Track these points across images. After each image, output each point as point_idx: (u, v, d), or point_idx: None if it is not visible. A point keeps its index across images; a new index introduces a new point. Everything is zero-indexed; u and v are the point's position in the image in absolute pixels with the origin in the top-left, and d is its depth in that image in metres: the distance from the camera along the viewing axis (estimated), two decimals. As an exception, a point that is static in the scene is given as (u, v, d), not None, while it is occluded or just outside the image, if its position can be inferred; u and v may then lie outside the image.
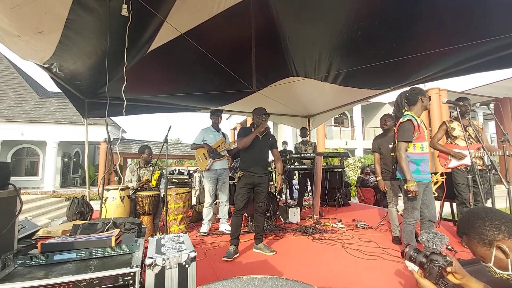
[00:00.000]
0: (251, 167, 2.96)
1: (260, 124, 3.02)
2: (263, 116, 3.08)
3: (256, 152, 3.01)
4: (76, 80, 3.94)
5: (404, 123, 2.38)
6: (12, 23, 2.44)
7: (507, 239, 0.91)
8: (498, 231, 0.92)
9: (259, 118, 3.07)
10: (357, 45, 3.35)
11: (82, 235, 1.42)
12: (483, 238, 0.95)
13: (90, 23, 2.73)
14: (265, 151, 3.12)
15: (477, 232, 0.97)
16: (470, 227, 0.99)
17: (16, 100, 13.60)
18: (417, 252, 1.18)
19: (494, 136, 18.22)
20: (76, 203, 4.26)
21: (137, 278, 1.09)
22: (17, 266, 1.13)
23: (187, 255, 1.20)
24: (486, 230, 0.94)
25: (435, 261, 1.09)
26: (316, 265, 2.58)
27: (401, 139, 2.38)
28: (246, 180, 2.94)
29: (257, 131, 2.98)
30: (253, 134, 2.97)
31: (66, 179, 15.88)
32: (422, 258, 1.15)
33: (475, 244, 0.98)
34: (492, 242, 0.93)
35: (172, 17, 3.02)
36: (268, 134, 3.13)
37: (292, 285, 1.03)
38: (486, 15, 2.50)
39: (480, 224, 0.96)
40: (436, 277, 1.09)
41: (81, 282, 1.03)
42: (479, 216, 0.98)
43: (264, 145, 3.09)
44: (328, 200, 5.33)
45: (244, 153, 3.06)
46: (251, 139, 2.95)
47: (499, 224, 0.93)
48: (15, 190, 1.23)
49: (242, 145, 2.99)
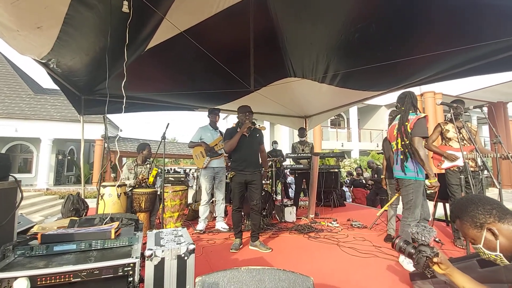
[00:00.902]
0: (242, 166, 2.97)
1: (245, 122, 3.01)
2: (247, 114, 3.08)
3: (245, 150, 3.01)
4: (73, 77, 3.93)
5: (421, 119, 2.39)
6: (12, 18, 2.43)
7: (497, 222, 0.98)
8: (490, 215, 1.00)
9: (243, 116, 3.07)
10: (354, 47, 3.39)
11: (82, 228, 1.43)
12: (475, 221, 1.02)
13: (89, 19, 2.73)
14: (255, 148, 3.11)
15: (470, 216, 1.04)
16: (464, 211, 1.06)
17: (11, 96, 13.43)
18: (407, 243, 1.27)
19: (487, 140, 18.52)
20: (72, 200, 4.22)
21: (136, 269, 1.11)
22: (17, 256, 1.14)
23: (186, 247, 1.22)
24: (479, 214, 1.02)
25: (423, 252, 1.17)
26: (312, 262, 2.61)
27: (419, 134, 2.35)
28: (238, 179, 2.96)
29: (242, 131, 2.97)
30: (237, 135, 2.96)
31: (60, 177, 15.72)
32: (411, 249, 1.24)
33: (467, 227, 1.05)
34: (483, 225, 1.00)
35: (172, 14, 3.03)
36: (255, 131, 3.12)
37: (289, 276, 1.06)
38: (479, 21, 2.57)
39: (473, 208, 1.03)
40: (423, 266, 1.17)
41: (81, 272, 1.05)
42: (473, 201, 1.06)
43: (253, 142, 3.08)
44: (323, 200, 5.37)
45: (234, 153, 3.05)
46: (237, 140, 2.96)
47: (491, 209, 1.00)
48: (16, 182, 1.24)
49: (228, 148, 3.00)
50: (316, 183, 4.47)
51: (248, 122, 3.01)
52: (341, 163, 9.62)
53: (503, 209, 1.01)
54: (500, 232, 0.97)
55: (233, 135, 3.01)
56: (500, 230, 0.97)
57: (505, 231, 0.97)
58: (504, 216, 0.98)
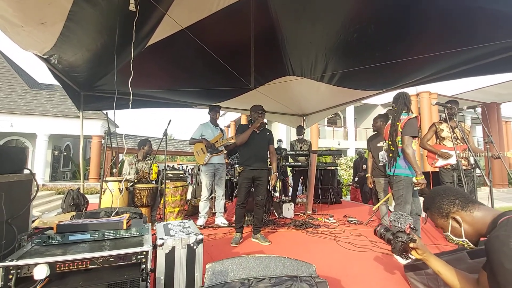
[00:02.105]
0: (250, 162, 3.08)
1: (257, 119, 3.16)
2: (260, 113, 3.22)
3: (254, 147, 3.13)
4: (73, 72, 3.95)
5: (412, 119, 2.49)
6: (16, 13, 2.45)
7: (460, 211, 1.07)
8: (453, 205, 1.09)
9: (256, 114, 3.21)
10: (353, 47, 3.46)
11: (95, 219, 1.49)
12: (441, 211, 1.12)
13: (92, 16, 2.76)
14: (263, 146, 3.24)
15: (437, 207, 1.14)
16: (432, 203, 1.16)
17: (6, 91, 13.28)
18: (386, 230, 1.40)
19: (481, 140, 18.82)
20: (72, 195, 4.25)
21: (149, 257, 1.18)
22: (34, 245, 1.20)
23: (195, 237, 1.29)
24: (444, 204, 1.11)
25: (399, 238, 1.29)
26: (310, 255, 2.70)
27: (408, 134, 2.45)
28: (246, 175, 3.06)
29: (254, 127, 3.12)
30: (249, 130, 3.11)
31: (56, 173, 15.62)
32: (389, 235, 1.36)
33: (436, 217, 1.15)
34: (449, 214, 1.10)
35: (173, 11, 3.06)
36: (265, 129, 3.27)
37: (294, 263, 1.14)
38: (472, 24, 2.66)
39: (439, 200, 1.13)
40: (399, 250, 1.29)
41: (97, 259, 1.11)
42: (438, 193, 1.15)
43: (262, 139, 3.21)
44: (321, 197, 5.47)
45: (242, 148, 3.19)
46: (248, 134, 3.10)
47: (454, 199, 1.10)
48: (31, 174, 1.29)
49: (240, 140, 3.12)
50: (313, 181, 4.55)
51: (260, 119, 3.16)
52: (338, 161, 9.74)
53: (466, 198, 1.09)
54: (464, 219, 1.06)
55: (245, 130, 3.17)
56: (463, 218, 1.06)
57: (468, 219, 1.05)
58: (467, 205, 1.07)
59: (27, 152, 1.32)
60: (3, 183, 1.12)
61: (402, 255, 1.30)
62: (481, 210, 1.05)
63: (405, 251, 1.28)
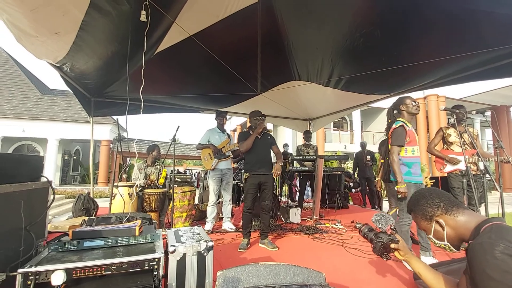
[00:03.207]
0: (255, 168, 3.11)
1: (258, 125, 3.21)
2: (260, 118, 3.27)
3: (258, 152, 3.18)
4: (84, 80, 4.05)
5: (397, 128, 2.56)
6: (31, 24, 2.54)
7: (444, 214, 1.07)
8: (437, 208, 1.09)
9: (257, 120, 3.25)
10: (359, 52, 3.46)
11: (108, 226, 1.52)
12: (425, 214, 1.12)
13: (104, 25, 2.84)
14: (267, 150, 3.28)
15: (421, 209, 1.13)
16: (416, 205, 1.16)
17: (18, 97, 13.63)
18: (370, 230, 1.42)
19: (491, 143, 18.47)
20: (82, 199, 4.35)
21: (161, 264, 1.20)
22: (50, 251, 1.24)
23: (206, 244, 1.31)
24: (427, 207, 1.11)
25: (379, 238, 1.32)
26: (317, 261, 2.69)
27: (395, 143, 2.55)
28: (252, 181, 3.09)
29: (256, 133, 3.17)
30: (252, 136, 3.16)
31: (66, 177, 15.89)
32: (372, 235, 1.39)
33: (419, 219, 1.15)
34: (432, 217, 1.10)
35: (181, 19, 3.13)
36: (266, 134, 3.31)
37: (303, 272, 1.15)
38: (480, 28, 2.65)
39: (424, 202, 1.13)
40: (379, 250, 1.32)
41: (112, 265, 1.14)
42: (423, 196, 1.14)
43: (264, 144, 3.26)
44: (327, 202, 5.44)
45: (247, 155, 3.23)
46: (252, 141, 3.14)
47: (439, 202, 1.09)
48: (48, 182, 1.34)
49: (244, 148, 3.15)
50: (320, 185, 4.54)
51: (262, 125, 3.21)
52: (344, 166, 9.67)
53: (450, 202, 1.09)
54: (447, 223, 1.06)
55: (247, 137, 3.21)
56: (447, 222, 1.06)
57: (451, 223, 1.05)
58: (451, 208, 1.07)
59: (43, 160, 1.37)
60: (23, 191, 1.17)
61: (383, 255, 1.32)
62: (465, 215, 1.04)
63: (386, 251, 1.31)
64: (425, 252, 2.61)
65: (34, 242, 1.21)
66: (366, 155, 6.08)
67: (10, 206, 1.14)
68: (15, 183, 1.20)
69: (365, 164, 5.98)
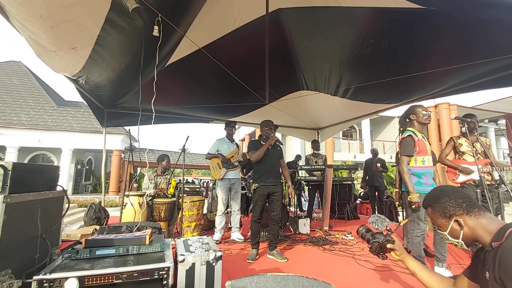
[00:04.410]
0: (264, 178, 3.11)
1: (270, 136, 3.20)
2: (272, 128, 3.27)
3: (268, 163, 3.16)
4: (98, 92, 4.19)
5: (405, 138, 2.55)
6: (51, 40, 2.67)
7: (465, 215, 1.09)
8: (460, 208, 1.10)
9: (269, 130, 3.25)
10: (367, 61, 3.47)
11: (119, 234, 1.56)
12: (445, 212, 1.13)
13: (118, 40, 2.95)
14: (276, 161, 3.26)
15: (442, 207, 1.14)
16: (436, 202, 1.16)
17: (35, 108, 14.17)
18: (367, 231, 1.47)
19: (506, 152, 17.89)
20: (94, 208, 4.42)
21: (170, 273, 1.22)
22: (64, 259, 1.27)
23: (214, 254, 1.32)
24: (450, 206, 1.12)
25: (376, 238, 1.38)
26: (327, 273, 2.64)
27: (403, 153, 2.53)
28: (261, 191, 3.09)
29: (268, 143, 3.15)
30: (264, 147, 3.15)
31: (78, 186, 16.22)
32: (369, 236, 1.44)
33: (437, 216, 1.16)
34: (452, 216, 1.11)
35: (191, 32, 3.23)
36: (276, 144, 3.30)
37: (313, 283, 1.14)
38: (489, 36, 2.62)
39: (446, 200, 1.13)
40: (375, 250, 1.37)
41: (122, 274, 1.16)
42: (447, 194, 1.15)
43: (274, 155, 3.24)
44: (337, 212, 5.35)
45: (256, 165, 3.22)
46: (263, 151, 3.13)
47: (462, 202, 1.10)
48: (63, 191, 1.39)
49: (256, 158, 3.14)
50: (330, 195, 4.49)
51: (275, 136, 3.20)
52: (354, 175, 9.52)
53: (472, 203, 1.10)
54: (466, 223, 1.08)
55: (257, 146, 3.20)
56: (466, 222, 1.08)
57: (470, 223, 1.07)
58: (472, 209, 1.08)
59: (59, 169, 1.42)
60: (40, 200, 1.21)
61: (379, 255, 1.39)
62: (486, 217, 1.06)
63: (382, 251, 1.37)
64: (439, 263, 2.54)
65: (49, 249, 1.25)
66: (376, 162, 5.93)
67: (28, 214, 1.19)
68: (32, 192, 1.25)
69: (374, 169, 5.81)
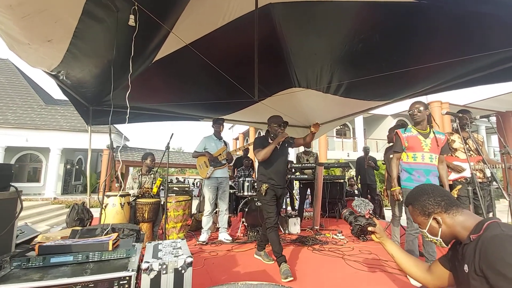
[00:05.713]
0: (273, 179, 2.78)
1: (279, 133, 2.82)
2: (282, 125, 2.90)
3: (275, 163, 2.81)
4: (82, 88, 4.02)
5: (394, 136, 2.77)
6: (22, 31, 2.51)
7: (443, 213, 1.11)
8: (438, 206, 1.12)
9: (278, 127, 2.87)
10: (359, 57, 3.39)
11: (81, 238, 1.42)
12: (424, 210, 1.15)
13: (98, 33, 2.80)
14: (284, 161, 2.92)
15: (421, 205, 1.16)
16: (416, 200, 1.18)
17: (23, 107, 13.81)
18: (350, 214, 1.52)
19: (497, 150, 18.12)
20: (76, 209, 4.24)
21: (132, 282, 1.09)
22: (13, 268, 1.14)
23: (184, 260, 1.20)
24: (429, 204, 1.14)
25: (358, 221, 1.43)
26: (315, 276, 2.54)
27: (392, 150, 2.77)
28: (273, 192, 2.77)
29: (277, 141, 2.77)
30: (272, 145, 2.75)
31: (68, 186, 15.90)
32: (352, 219, 1.49)
33: (417, 214, 1.18)
34: (431, 214, 1.13)
35: (178, 28, 3.09)
36: (284, 142, 2.91)
37: (287, 292, 1.03)
38: (483, 31, 2.56)
39: (425, 199, 1.15)
40: (357, 232, 1.43)
41: (76, 285, 1.04)
42: (426, 192, 1.17)
43: (283, 155, 2.90)
44: (328, 211, 5.28)
45: (263, 164, 2.85)
46: (271, 150, 2.73)
47: (440, 201, 1.12)
48: (16, 192, 1.25)
49: (262, 157, 2.75)
50: (320, 194, 4.40)
51: (285, 133, 2.82)
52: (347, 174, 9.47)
53: (451, 201, 1.12)
54: (444, 221, 1.10)
55: (264, 144, 2.83)
56: (444, 220, 1.10)
57: (448, 221, 1.10)
58: (451, 208, 1.10)
59: (12, 168, 1.28)
60: (-16, 203, 1.08)
61: (360, 237, 1.45)
62: (464, 214, 1.08)
63: (363, 234, 1.42)
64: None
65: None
66: (368, 160, 5.91)
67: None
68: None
69: (367, 164, 5.78)
